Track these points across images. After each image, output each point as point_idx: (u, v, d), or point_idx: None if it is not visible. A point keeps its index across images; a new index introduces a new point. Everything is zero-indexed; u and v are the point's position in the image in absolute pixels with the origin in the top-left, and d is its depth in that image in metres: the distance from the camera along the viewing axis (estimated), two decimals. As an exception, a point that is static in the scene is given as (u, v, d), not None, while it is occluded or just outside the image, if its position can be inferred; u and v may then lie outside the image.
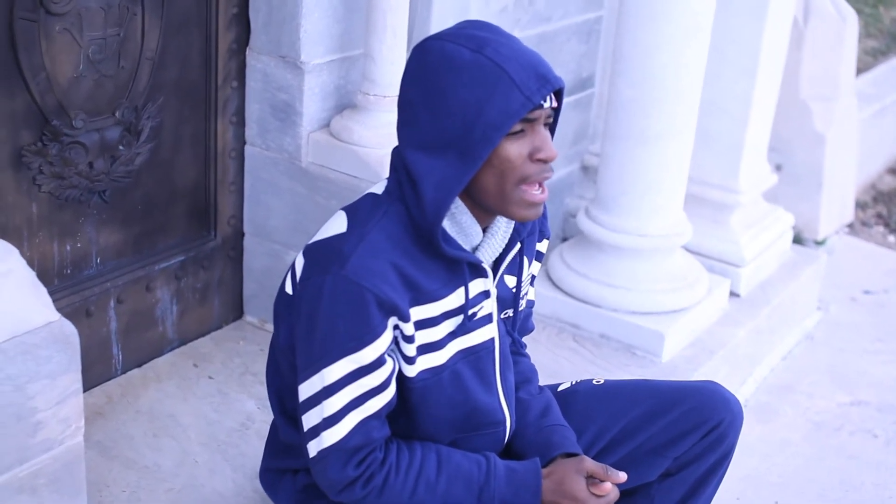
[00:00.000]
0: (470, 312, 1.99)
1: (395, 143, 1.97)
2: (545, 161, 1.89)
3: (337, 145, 2.85)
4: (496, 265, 2.04)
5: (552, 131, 1.95)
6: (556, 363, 3.15)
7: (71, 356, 1.98)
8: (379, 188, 2.00)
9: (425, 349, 1.96)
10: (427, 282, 1.92)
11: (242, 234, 3.08)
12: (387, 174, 2.58)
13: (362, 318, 1.85)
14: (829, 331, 4.07)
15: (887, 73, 6.14)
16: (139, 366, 2.89)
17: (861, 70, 5.81)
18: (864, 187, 5.58)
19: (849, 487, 3.14)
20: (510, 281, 2.09)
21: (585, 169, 3.93)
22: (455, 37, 1.88)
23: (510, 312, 2.13)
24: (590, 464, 2.02)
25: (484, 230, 2.00)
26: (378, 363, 1.89)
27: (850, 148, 4.92)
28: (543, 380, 2.32)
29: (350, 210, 1.97)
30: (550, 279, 3.43)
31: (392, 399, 1.94)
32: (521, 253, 2.08)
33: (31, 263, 2.48)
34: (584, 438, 2.18)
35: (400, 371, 1.96)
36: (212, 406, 2.77)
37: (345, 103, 2.96)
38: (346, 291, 1.84)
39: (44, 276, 2.52)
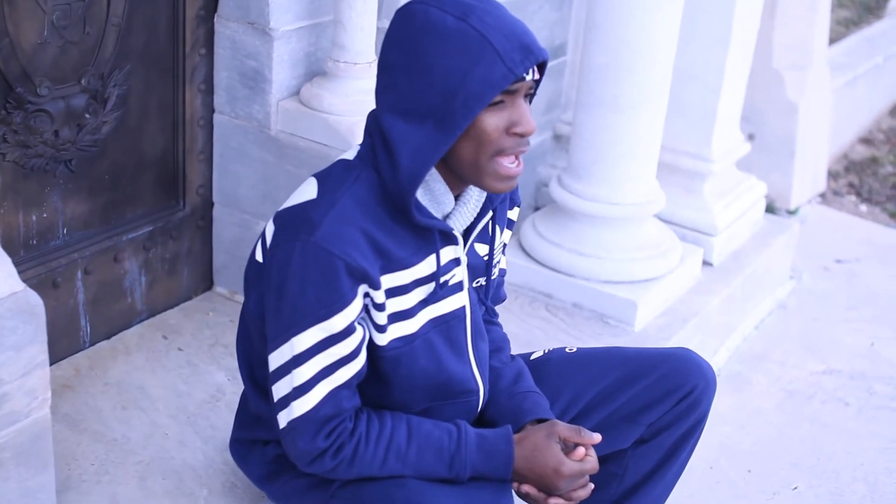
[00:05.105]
0: (441, 280, 1.97)
1: (366, 110, 1.94)
2: (522, 135, 1.87)
3: (307, 113, 2.82)
4: (467, 232, 2.02)
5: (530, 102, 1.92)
6: (529, 333, 3.14)
7: (36, 327, 1.95)
8: (351, 154, 1.97)
9: (396, 317, 1.94)
10: (397, 249, 1.90)
11: (212, 204, 3.04)
12: (357, 142, 2.54)
13: (332, 285, 1.83)
14: (801, 300, 4.08)
15: (859, 42, 6.15)
16: (108, 338, 2.86)
17: (833, 40, 5.81)
18: (837, 157, 5.59)
19: (821, 455, 3.15)
20: (481, 249, 2.08)
21: (557, 137, 3.91)
22: (440, 2, 1.84)
23: (482, 281, 2.11)
24: (561, 427, 2.00)
25: (456, 198, 1.98)
26: (348, 331, 1.87)
27: (823, 117, 4.92)
28: (516, 349, 2.31)
29: (321, 176, 1.95)
30: (523, 248, 3.41)
31: (362, 368, 1.93)
32: (492, 221, 2.06)
33: (-5, 233, 2.45)
34: (557, 406, 2.17)
35: (371, 340, 1.94)
36: (181, 378, 2.74)
37: (314, 71, 2.92)
38: (316, 258, 1.82)
39: (9, 247, 2.48)
